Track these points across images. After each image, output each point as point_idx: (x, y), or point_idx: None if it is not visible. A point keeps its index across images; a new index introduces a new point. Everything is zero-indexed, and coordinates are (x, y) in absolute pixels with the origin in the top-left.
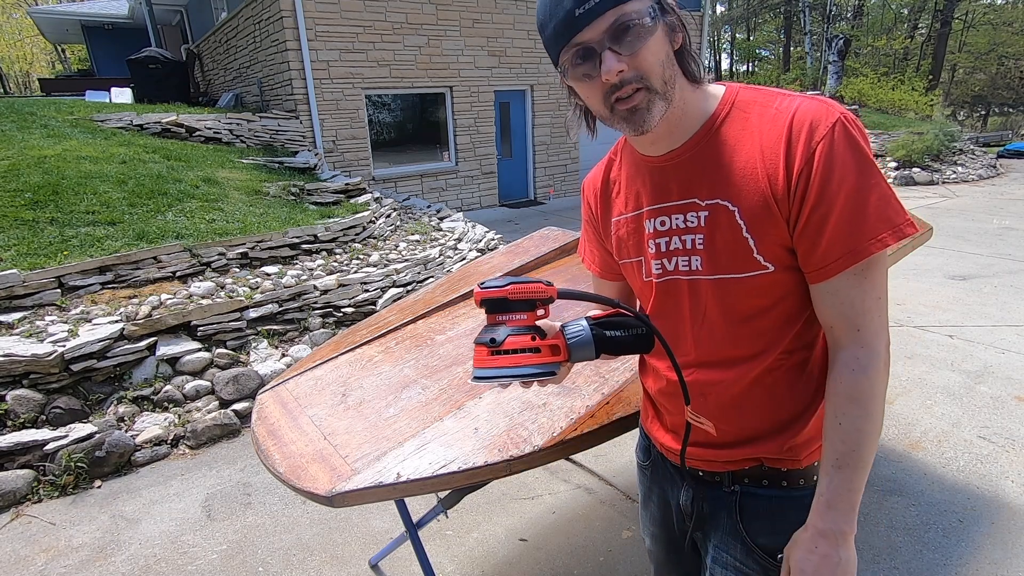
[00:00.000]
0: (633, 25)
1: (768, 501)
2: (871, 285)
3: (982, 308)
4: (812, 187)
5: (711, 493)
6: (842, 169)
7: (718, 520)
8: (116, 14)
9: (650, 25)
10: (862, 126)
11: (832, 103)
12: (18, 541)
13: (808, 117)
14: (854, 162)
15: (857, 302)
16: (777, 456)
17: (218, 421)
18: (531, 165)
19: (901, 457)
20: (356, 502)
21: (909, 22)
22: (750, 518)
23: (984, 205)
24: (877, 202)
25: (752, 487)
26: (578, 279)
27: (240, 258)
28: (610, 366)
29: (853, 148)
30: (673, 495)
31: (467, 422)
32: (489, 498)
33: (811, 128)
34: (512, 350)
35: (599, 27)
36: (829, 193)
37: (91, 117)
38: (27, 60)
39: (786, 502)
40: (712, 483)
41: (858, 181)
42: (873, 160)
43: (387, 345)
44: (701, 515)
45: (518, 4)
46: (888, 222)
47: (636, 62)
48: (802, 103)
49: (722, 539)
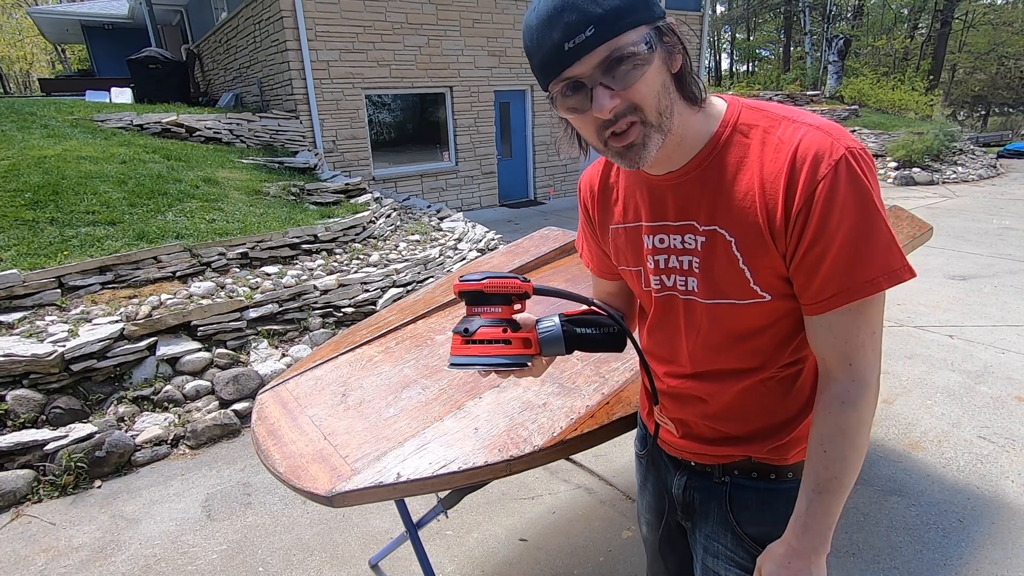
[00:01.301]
0: (627, 57)
1: (757, 492)
2: (865, 320)
3: (982, 308)
4: (810, 226)
5: (702, 483)
6: (842, 210)
7: (709, 510)
8: (116, 14)
9: (646, 54)
10: (869, 158)
11: (839, 134)
12: (18, 541)
13: (811, 152)
14: (855, 203)
15: (851, 336)
16: (765, 455)
17: (218, 421)
18: (531, 165)
19: (901, 457)
20: (356, 502)
21: (909, 22)
22: (739, 508)
23: (984, 205)
24: (875, 246)
25: (742, 479)
26: (578, 279)
27: (240, 258)
28: (610, 366)
29: (855, 187)
30: (668, 484)
31: (467, 422)
32: (489, 498)
33: (813, 164)
34: (484, 340)
35: (590, 62)
36: (827, 233)
37: (91, 117)
38: (27, 60)
39: (774, 494)
40: (704, 473)
41: (858, 223)
42: (876, 199)
43: (387, 345)
44: (692, 504)
45: (518, 4)
46: (885, 267)
47: (630, 95)
48: (806, 134)
49: (713, 529)
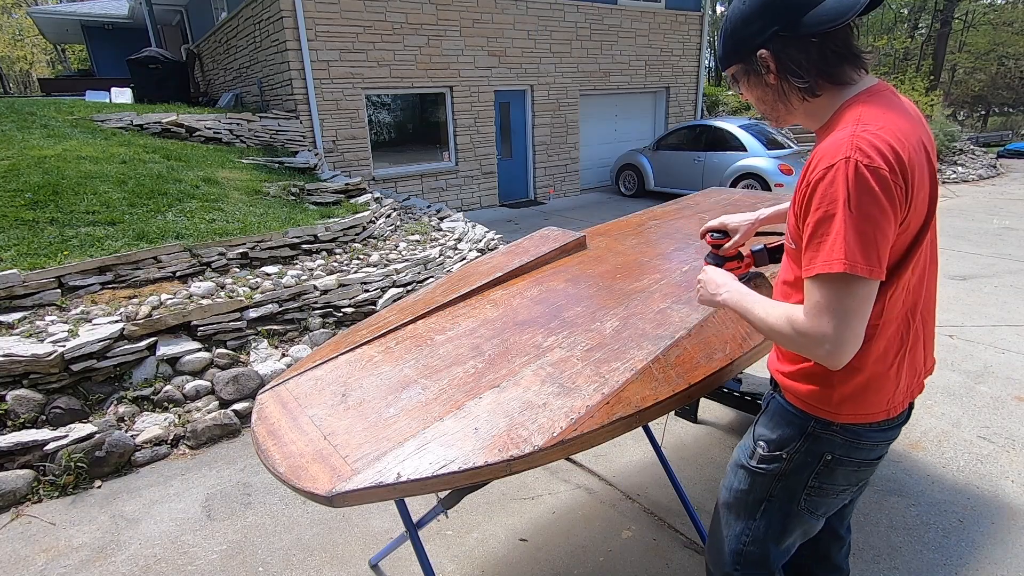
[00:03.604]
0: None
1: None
2: (832, 290)
3: (982, 308)
4: (804, 209)
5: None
6: (820, 201)
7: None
8: (116, 14)
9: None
10: (866, 168)
11: (857, 141)
12: (18, 541)
13: (824, 152)
14: (831, 199)
15: (813, 299)
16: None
17: (218, 421)
18: (531, 165)
19: (901, 457)
20: (356, 502)
21: (909, 22)
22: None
23: (984, 205)
24: (832, 239)
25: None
26: (578, 279)
27: (240, 258)
28: (610, 366)
29: (836, 187)
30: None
31: (467, 422)
32: (489, 498)
33: (818, 162)
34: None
35: None
36: (809, 218)
37: (91, 117)
38: (27, 60)
39: (777, 405)
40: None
41: (826, 215)
42: (849, 202)
43: (387, 345)
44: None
45: (518, 4)
46: (827, 261)
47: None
48: (835, 138)
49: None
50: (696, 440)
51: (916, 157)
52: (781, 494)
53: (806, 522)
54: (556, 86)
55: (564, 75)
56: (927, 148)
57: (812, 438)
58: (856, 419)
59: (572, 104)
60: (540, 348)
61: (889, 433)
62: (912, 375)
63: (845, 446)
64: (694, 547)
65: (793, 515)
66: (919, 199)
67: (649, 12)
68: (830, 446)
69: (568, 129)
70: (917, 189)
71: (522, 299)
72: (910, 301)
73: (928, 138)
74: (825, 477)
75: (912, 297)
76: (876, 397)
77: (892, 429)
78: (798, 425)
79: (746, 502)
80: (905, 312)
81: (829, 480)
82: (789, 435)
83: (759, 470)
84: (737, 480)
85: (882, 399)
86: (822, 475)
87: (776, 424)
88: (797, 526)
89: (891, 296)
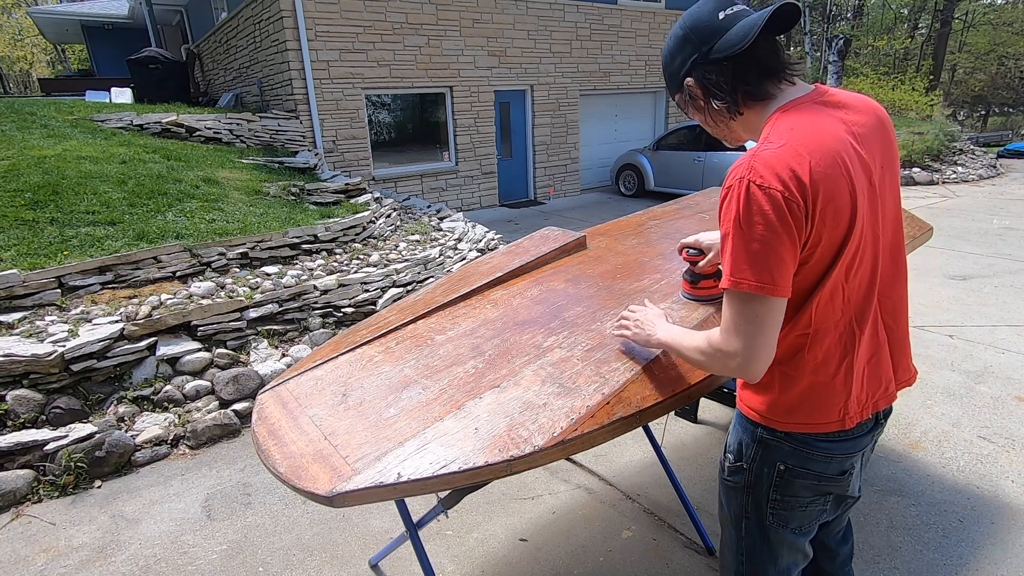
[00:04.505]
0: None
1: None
2: (734, 307)
3: (982, 308)
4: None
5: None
6: (722, 219)
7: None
8: (116, 14)
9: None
10: (758, 188)
11: (753, 162)
12: (18, 541)
13: (730, 172)
14: (727, 218)
15: (724, 314)
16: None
17: (218, 421)
18: (531, 165)
19: (901, 457)
20: (356, 502)
21: (909, 22)
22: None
23: (984, 205)
24: (727, 257)
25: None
26: (578, 279)
27: (240, 258)
28: (611, 366)
29: (730, 206)
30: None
31: (467, 422)
32: (489, 498)
33: (724, 181)
34: (705, 287)
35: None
36: (721, 232)
37: (91, 117)
38: (27, 60)
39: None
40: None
41: (725, 233)
42: (740, 221)
43: (387, 345)
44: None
45: (518, 4)
46: (726, 277)
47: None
48: (741, 157)
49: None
50: (696, 440)
51: (828, 171)
52: (753, 511)
53: (786, 539)
54: (556, 86)
55: (564, 75)
56: (848, 160)
57: (763, 445)
58: (804, 428)
59: (572, 104)
60: (540, 348)
61: (846, 444)
62: (875, 385)
63: (796, 455)
64: (694, 547)
65: (771, 530)
66: (829, 213)
67: (649, 12)
68: (780, 454)
69: (568, 129)
70: (824, 204)
71: (522, 299)
72: (852, 310)
73: (864, 147)
74: (785, 489)
75: (856, 306)
76: (824, 407)
77: (849, 440)
78: (750, 431)
79: (729, 518)
80: (848, 321)
81: (790, 492)
82: (745, 442)
83: (730, 482)
84: (721, 494)
85: (831, 409)
86: (781, 487)
87: (736, 433)
88: (779, 544)
89: (818, 306)
